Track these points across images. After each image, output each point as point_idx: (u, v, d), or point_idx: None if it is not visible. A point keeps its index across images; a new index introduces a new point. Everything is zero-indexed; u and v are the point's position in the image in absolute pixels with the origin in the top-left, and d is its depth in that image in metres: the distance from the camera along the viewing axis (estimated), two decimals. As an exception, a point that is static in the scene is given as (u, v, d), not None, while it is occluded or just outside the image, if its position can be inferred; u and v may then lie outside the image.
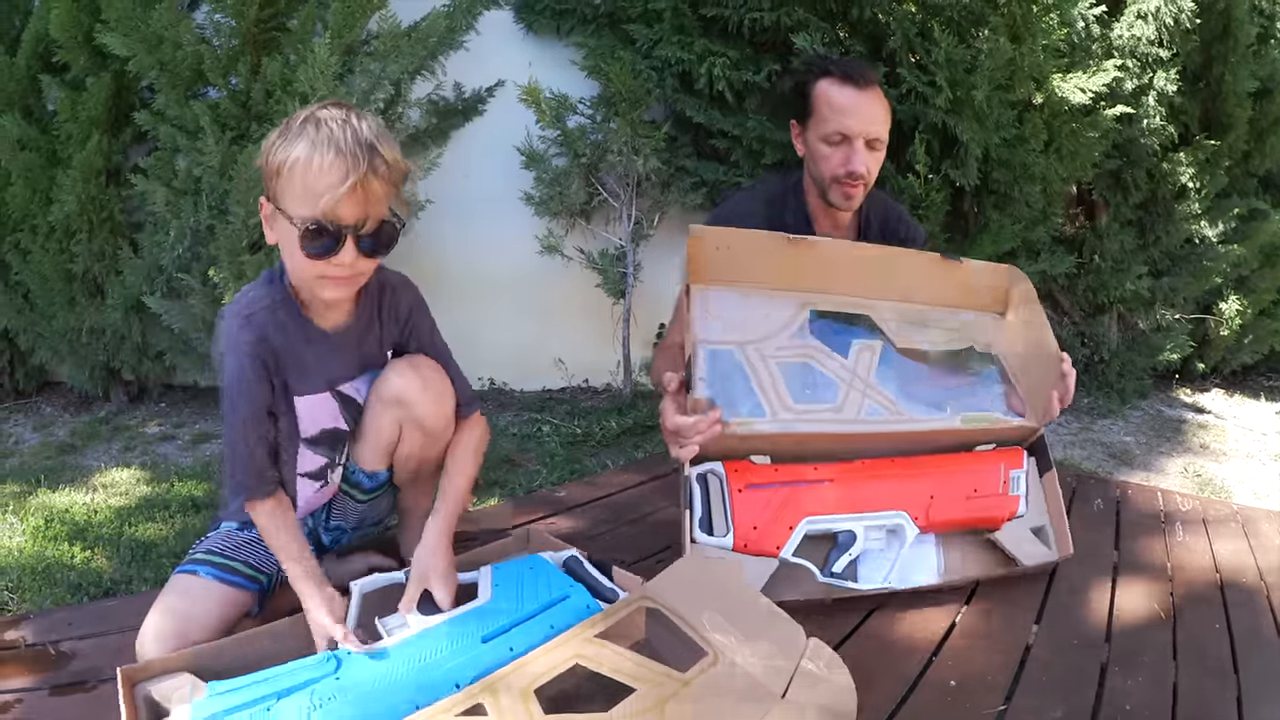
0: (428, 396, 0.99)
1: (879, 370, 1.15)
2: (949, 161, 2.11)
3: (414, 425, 1.00)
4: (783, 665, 0.80)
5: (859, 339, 1.16)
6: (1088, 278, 2.51)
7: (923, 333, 1.19)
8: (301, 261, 0.86)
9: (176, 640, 0.87)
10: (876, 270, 1.18)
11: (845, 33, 2.12)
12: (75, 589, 1.36)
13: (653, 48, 2.14)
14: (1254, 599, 1.19)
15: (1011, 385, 1.21)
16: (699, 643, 0.80)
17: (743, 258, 1.10)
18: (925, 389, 1.16)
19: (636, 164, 2.11)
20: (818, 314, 1.15)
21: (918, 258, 1.21)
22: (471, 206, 2.36)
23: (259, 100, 2.01)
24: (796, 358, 1.12)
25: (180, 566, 0.98)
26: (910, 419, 1.13)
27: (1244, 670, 1.00)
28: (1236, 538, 1.41)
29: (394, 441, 1.02)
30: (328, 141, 0.81)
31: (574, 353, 2.46)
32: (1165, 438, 2.33)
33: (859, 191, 1.28)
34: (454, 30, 2.07)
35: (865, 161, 1.25)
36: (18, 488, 1.84)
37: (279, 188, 0.84)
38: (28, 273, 2.26)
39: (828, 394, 1.11)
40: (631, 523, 1.43)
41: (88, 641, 1.05)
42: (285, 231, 0.85)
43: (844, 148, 1.26)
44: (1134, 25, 2.25)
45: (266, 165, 0.85)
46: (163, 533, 1.57)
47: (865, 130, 1.25)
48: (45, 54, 2.19)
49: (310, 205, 0.82)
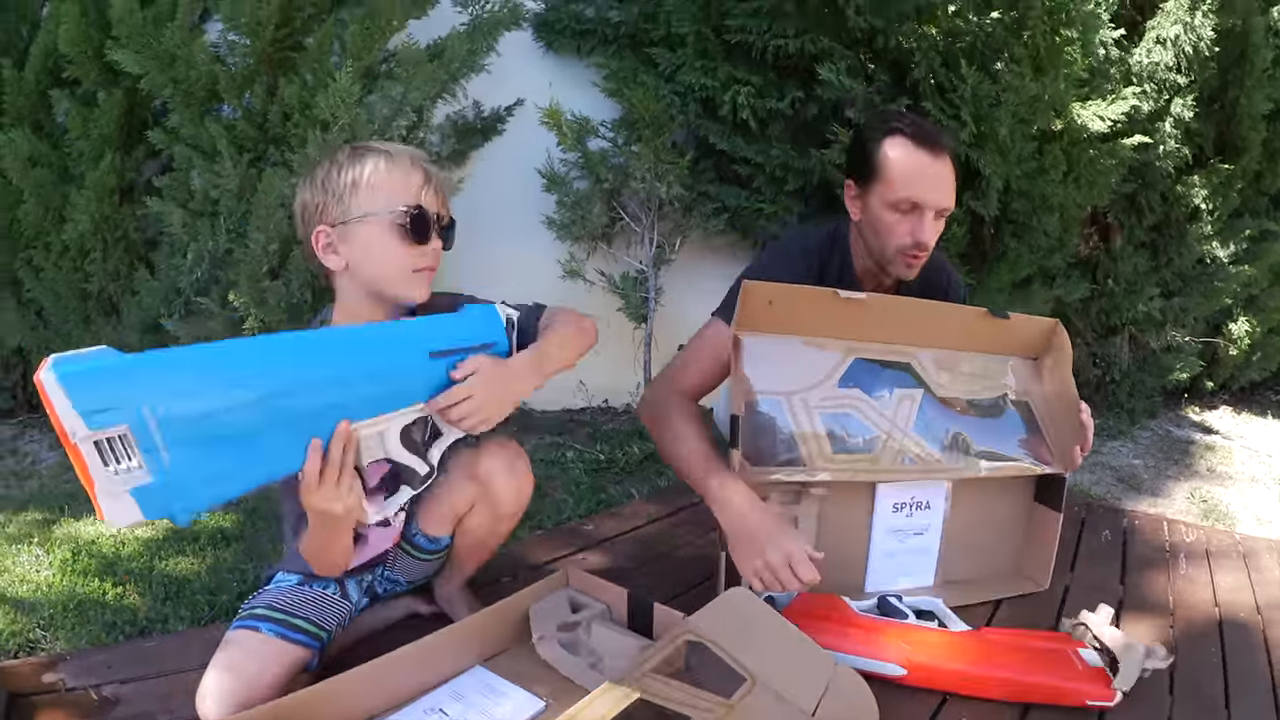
0: (510, 482, 1.02)
1: (917, 420, 1.18)
2: (969, 193, 2.12)
3: (488, 505, 1.03)
4: (813, 688, 0.88)
5: (900, 388, 1.20)
6: (1101, 300, 2.53)
7: (960, 380, 1.24)
8: (396, 257, 0.90)
9: (240, 700, 0.87)
10: (922, 323, 1.21)
11: (869, 60, 2.12)
12: (110, 627, 1.36)
13: (675, 72, 2.13)
14: (1250, 634, 1.23)
15: (1040, 433, 1.26)
16: (738, 670, 0.88)
17: (791, 310, 1.13)
18: (959, 438, 1.20)
19: (659, 190, 2.11)
20: (862, 362, 1.19)
21: (965, 313, 1.23)
22: (492, 228, 2.35)
23: (276, 123, 1.99)
24: (839, 408, 1.15)
25: (239, 621, 0.98)
26: (943, 467, 1.17)
27: (1234, 706, 1.04)
28: (1237, 570, 1.47)
29: (462, 514, 1.05)
30: (395, 154, 0.91)
31: (594, 375, 2.47)
32: (1173, 460, 2.37)
33: (921, 261, 1.21)
34: (475, 53, 2.05)
35: (933, 232, 1.17)
36: (40, 515, 1.84)
37: (356, 202, 0.89)
38: (41, 290, 2.24)
39: (867, 445, 1.15)
40: (661, 557, 1.46)
41: (129, 686, 1.06)
42: (370, 236, 0.89)
43: (913, 217, 1.16)
44: (1153, 51, 2.26)
45: (331, 190, 0.89)
46: (195, 568, 1.57)
47: (938, 201, 1.16)
48: (55, 68, 2.16)
49: (403, 198, 0.90)
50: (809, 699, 0.87)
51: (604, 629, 1.07)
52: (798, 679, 0.89)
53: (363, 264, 0.91)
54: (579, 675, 1.00)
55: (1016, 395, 1.28)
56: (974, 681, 1.01)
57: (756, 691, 0.86)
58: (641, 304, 2.26)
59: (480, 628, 1.05)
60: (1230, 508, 2.07)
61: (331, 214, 0.90)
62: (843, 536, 1.19)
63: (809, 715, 0.85)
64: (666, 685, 0.86)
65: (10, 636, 1.31)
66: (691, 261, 2.27)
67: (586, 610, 1.09)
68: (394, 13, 1.92)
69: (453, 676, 1.01)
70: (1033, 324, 1.26)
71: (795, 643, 0.94)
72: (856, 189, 1.24)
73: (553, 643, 1.04)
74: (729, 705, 0.83)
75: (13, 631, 1.33)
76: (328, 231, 0.91)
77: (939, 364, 1.23)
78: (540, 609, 1.08)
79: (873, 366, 1.19)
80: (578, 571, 1.17)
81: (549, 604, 1.10)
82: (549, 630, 1.05)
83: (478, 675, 1.01)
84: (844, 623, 1.06)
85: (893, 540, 1.23)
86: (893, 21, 2.01)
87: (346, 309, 0.95)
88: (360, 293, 0.94)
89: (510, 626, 1.08)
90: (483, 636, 1.05)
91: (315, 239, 0.91)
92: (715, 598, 0.98)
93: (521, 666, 1.03)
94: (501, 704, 0.96)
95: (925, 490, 1.22)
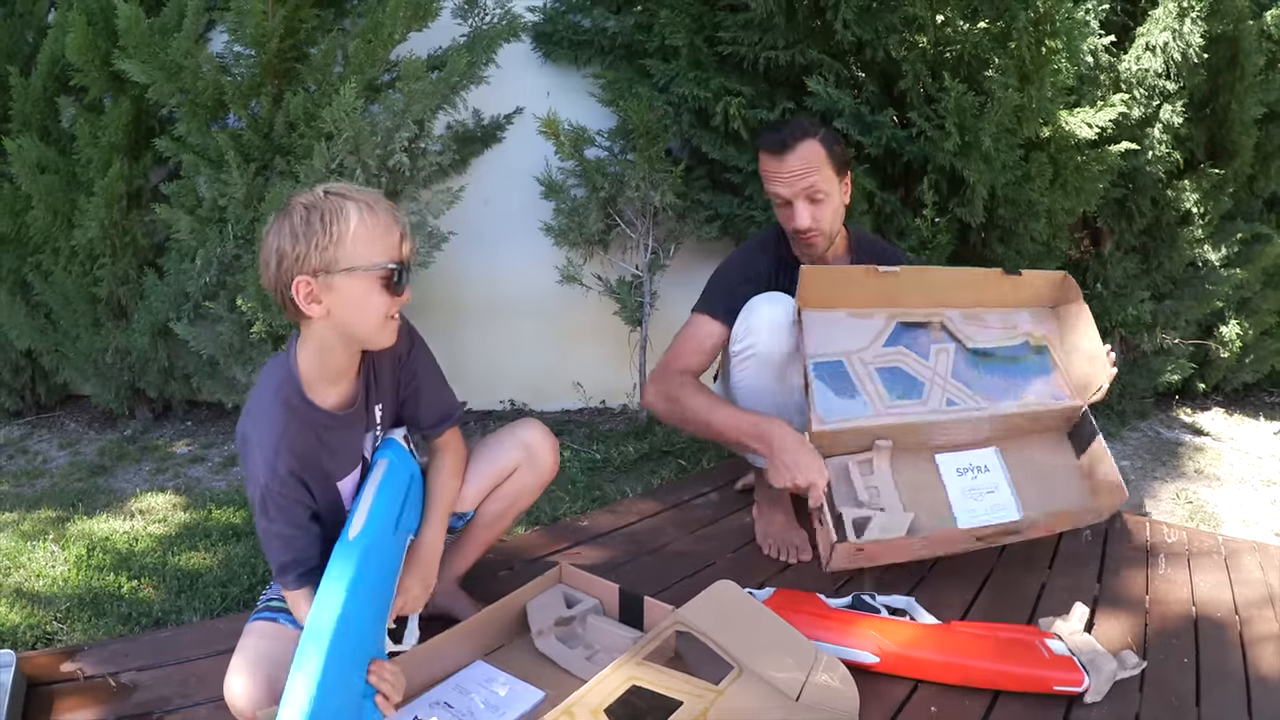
0: (549, 446, 1.19)
1: (955, 368, 1.39)
2: (956, 200, 2.15)
3: (532, 467, 1.18)
4: (797, 674, 0.94)
5: (937, 344, 1.39)
6: (1091, 303, 2.54)
7: (986, 332, 1.43)
8: (377, 308, 0.94)
9: (268, 690, 0.91)
10: (948, 287, 1.41)
11: (859, 70, 2.15)
12: (125, 619, 1.41)
13: (669, 83, 2.17)
14: (1225, 634, 1.24)
15: (1059, 369, 1.44)
16: (725, 658, 0.94)
17: (840, 287, 1.35)
18: (991, 381, 1.39)
19: (654, 197, 2.15)
20: (902, 325, 1.40)
21: (982, 274, 1.43)
22: (492, 235, 2.41)
23: (281, 132, 2.04)
24: (889, 363, 1.36)
25: (257, 614, 1.03)
26: (980, 406, 1.36)
27: (1205, 703, 1.06)
28: (1217, 570, 1.48)
29: (503, 476, 1.18)
30: (375, 206, 0.93)
31: (591, 376, 2.52)
32: (1161, 462, 2.39)
33: (816, 240, 1.39)
34: (474, 65, 2.09)
35: (810, 214, 1.36)
36: (54, 513, 1.90)
37: (341, 254, 0.90)
38: (50, 294, 2.29)
39: (916, 391, 1.36)
40: (652, 553, 1.51)
41: (147, 673, 1.10)
42: (352, 289, 0.92)
43: (786, 209, 1.38)
44: (1142, 57, 2.28)
45: (313, 241, 0.89)
46: (207, 562, 1.63)
47: (795, 190, 1.35)
48: (62, 75, 2.21)
49: (384, 252, 0.93)
50: (793, 684, 0.92)
51: (598, 622, 1.12)
52: (782, 665, 0.94)
53: (344, 313, 0.93)
54: (576, 667, 1.06)
55: (1035, 341, 1.45)
56: (943, 668, 1.06)
57: (743, 678, 0.91)
58: (637, 308, 2.30)
59: (481, 625, 1.10)
60: (1216, 509, 2.09)
61: (313, 264, 0.90)
62: (919, 484, 1.35)
63: (793, 699, 0.90)
64: (659, 672, 0.92)
65: (28, 630, 1.37)
66: (685, 266, 2.32)
67: (580, 605, 1.15)
68: (395, 25, 1.97)
69: (456, 671, 1.06)
70: (1043, 277, 1.47)
71: (779, 631, 1.00)
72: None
73: (550, 637, 1.10)
74: (718, 691, 0.89)
75: (30, 625, 1.38)
76: (310, 281, 0.90)
77: (967, 319, 1.42)
78: (537, 605, 1.14)
79: (911, 328, 1.39)
80: (570, 568, 1.23)
81: (545, 600, 1.15)
82: (546, 625, 1.11)
83: (480, 669, 1.07)
84: (819, 615, 1.11)
85: (968, 490, 1.37)
86: (880, 34, 2.05)
87: (317, 349, 0.97)
88: (334, 336, 0.96)
89: (509, 622, 1.14)
90: (483, 633, 1.11)
91: (296, 288, 0.90)
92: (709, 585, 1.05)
93: (521, 659, 1.09)
94: (503, 695, 1.01)
95: (978, 456, 1.39)
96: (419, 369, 1.09)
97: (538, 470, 1.19)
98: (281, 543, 0.96)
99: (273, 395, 0.96)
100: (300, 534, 0.97)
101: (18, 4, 2.36)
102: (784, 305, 1.36)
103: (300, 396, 0.97)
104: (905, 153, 2.14)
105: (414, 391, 1.10)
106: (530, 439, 1.19)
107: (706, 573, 1.41)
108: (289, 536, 0.96)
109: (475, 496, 1.17)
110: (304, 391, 0.97)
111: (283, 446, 0.94)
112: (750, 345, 1.36)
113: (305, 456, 0.96)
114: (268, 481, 0.93)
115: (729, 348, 1.41)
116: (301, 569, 0.97)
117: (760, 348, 1.35)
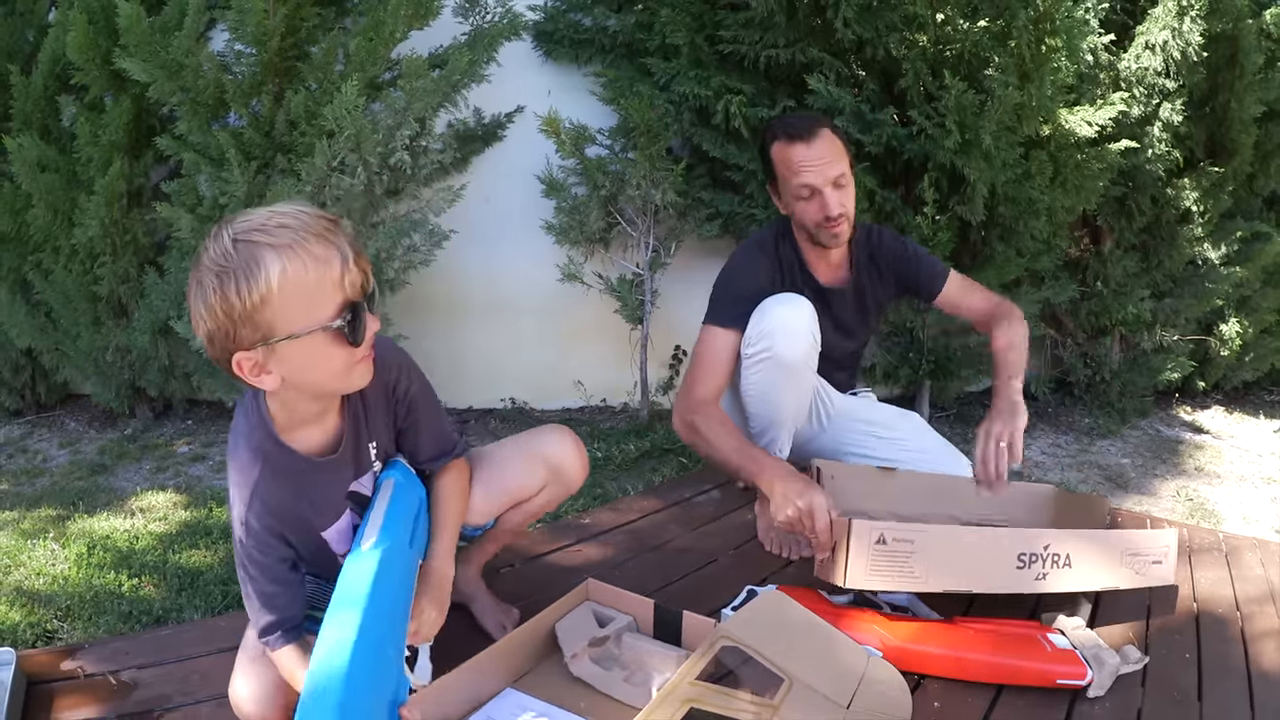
0: (578, 461, 1.10)
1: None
2: (956, 198, 2.16)
3: (561, 485, 1.10)
4: (848, 681, 0.92)
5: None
6: (1090, 301, 2.56)
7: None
8: (338, 360, 0.79)
9: (274, 691, 0.88)
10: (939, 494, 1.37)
11: (860, 68, 2.16)
12: (126, 617, 1.41)
13: (670, 81, 2.17)
14: (1227, 630, 1.24)
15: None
16: (774, 670, 0.91)
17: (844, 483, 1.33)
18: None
19: (655, 195, 2.16)
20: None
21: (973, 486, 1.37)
22: (493, 233, 2.41)
23: (283, 130, 2.04)
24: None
25: None
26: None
27: (1208, 698, 1.06)
28: (1218, 566, 1.47)
29: (525, 497, 1.08)
30: (290, 245, 0.73)
31: (592, 374, 2.52)
32: (1161, 459, 2.40)
33: (844, 227, 1.40)
34: (475, 63, 2.10)
35: (838, 201, 1.37)
36: (54, 511, 1.90)
37: (274, 320, 0.74)
38: (50, 293, 2.29)
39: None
40: (654, 550, 1.51)
41: (148, 671, 1.08)
42: (302, 351, 0.77)
43: (814, 199, 1.38)
44: (1142, 56, 2.29)
45: (234, 315, 0.73)
46: (208, 561, 1.62)
47: (825, 177, 1.36)
48: (62, 74, 2.21)
49: (325, 302, 0.76)
50: (844, 693, 0.89)
51: (634, 640, 1.06)
52: (832, 674, 0.92)
53: (301, 376, 0.80)
54: (616, 690, 1.00)
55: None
56: (946, 662, 1.06)
57: (795, 690, 0.88)
58: (638, 306, 2.31)
59: (506, 651, 1.03)
60: (1217, 506, 2.09)
61: (246, 340, 0.75)
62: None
63: (844, 708, 0.88)
64: (715, 693, 0.89)
65: (28, 628, 1.36)
66: (686, 265, 2.32)
67: (614, 624, 1.09)
68: (396, 23, 1.97)
69: (487, 701, 0.98)
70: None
71: (826, 638, 0.97)
72: (774, 190, 1.47)
73: (585, 659, 1.03)
74: (773, 706, 0.86)
75: (31, 623, 1.38)
76: (250, 356, 0.76)
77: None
78: (566, 626, 1.07)
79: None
80: (597, 584, 1.16)
81: (574, 620, 1.09)
82: (579, 647, 1.04)
83: (512, 697, 0.99)
84: (822, 611, 1.11)
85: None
86: (880, 33, 2.05)
87: (281, 403, 0.85)
88: (301, 396, 0.84)
89: (536, 646, 1.07)
90: (511, 658, 1.04)
91: (238, 365, 0.76)
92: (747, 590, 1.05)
93: (554, 684, 1.02)
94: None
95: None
96: (416, 400, 0.98)
97: (566, 486, 1.11)
98: (262, 601, 0.88)
99: (245, 440, 0.85)
100: (281, 590, 0.88)
101: (18, 2, 2.36)
102: (797, 307, 1.35)
103: (274, 441, 0.85)
104: (905, 151, 2.14)
105: (412, 424, 0.99)
106: (559, 459, 1.08)
107: (708, 569, 1.41)
108: (269, 595, 0.88)
109: (491, 512, 1.09)
110: (278, 437, 0.86)
111: (254, 498, 0.85)
112: (765, 349, 1.35)
113: (280, 508, 0.87)
114: (241, 536, 0.86)
115: (740, 350, 1.41)
116: (285, 627, 0.89)
117: (775, 351, 1.34)
